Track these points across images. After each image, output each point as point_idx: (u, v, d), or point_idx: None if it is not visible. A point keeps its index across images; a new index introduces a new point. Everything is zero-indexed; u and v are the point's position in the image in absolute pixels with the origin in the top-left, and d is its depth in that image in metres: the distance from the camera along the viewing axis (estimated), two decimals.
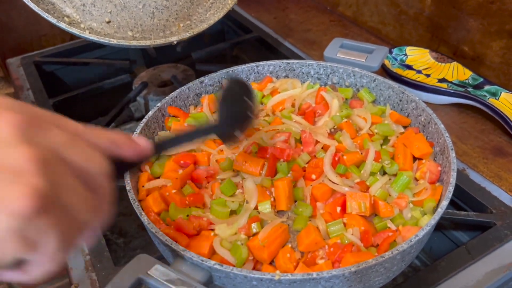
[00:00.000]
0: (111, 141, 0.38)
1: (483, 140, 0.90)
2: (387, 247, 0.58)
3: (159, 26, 0.94)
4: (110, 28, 0.90)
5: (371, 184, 0.67)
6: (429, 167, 0.68)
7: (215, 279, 0.55)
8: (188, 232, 0.61)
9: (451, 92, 0.94)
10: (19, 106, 0.32)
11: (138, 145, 0.42)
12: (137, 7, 0.92)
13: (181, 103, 0.83)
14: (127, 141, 0.40)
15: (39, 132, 0.31)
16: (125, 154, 0.40)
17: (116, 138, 0.39)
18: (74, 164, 0.32)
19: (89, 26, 0.87)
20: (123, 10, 0.90)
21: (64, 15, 0.85)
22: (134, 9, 0.92)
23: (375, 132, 0.76)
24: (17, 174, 0.28)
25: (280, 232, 0.61)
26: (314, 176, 0.68)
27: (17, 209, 0.28)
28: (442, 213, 0.58)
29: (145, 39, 0.91)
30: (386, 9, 1.23)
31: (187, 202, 0.65)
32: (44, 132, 0.31)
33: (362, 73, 0.84)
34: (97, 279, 0.67)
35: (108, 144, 0.38)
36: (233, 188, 0.67)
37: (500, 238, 0.69)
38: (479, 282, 0.65)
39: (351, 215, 0.63)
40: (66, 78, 1.23)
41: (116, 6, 0.90)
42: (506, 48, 0.96)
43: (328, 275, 0.51)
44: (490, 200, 0.76)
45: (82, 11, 0.88)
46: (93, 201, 0.34)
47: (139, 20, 0.92)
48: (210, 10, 0.99)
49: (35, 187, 0.28)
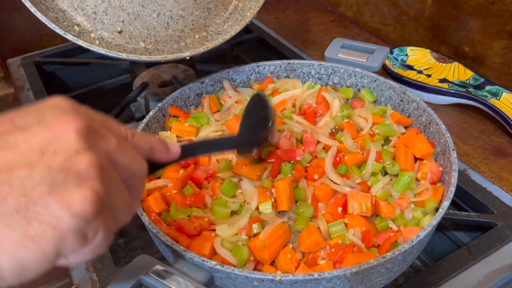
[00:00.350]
0: (149, 145, 0.42)
1: (484, 140, 0.90)
2: (388, 247, 0.58)
3: (173, 37, 0.88)
4: (121, 38, 0.84)
5: (372, 184, 0.67)
6: (430, 167, 0.68)
7: (216, 280, 0.55)
8: (189, 232, 0.61)
9: (452, 93, 0.94)
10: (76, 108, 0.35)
11: (170, 150, 0.46)
12: (151, 16, 0.86)
13: (182, 103, 0.83)
14: (162, 146, 0.45)
15: (98, 138, 0.34)
16: (158, 157, 0.45)
17: (153, 142, 0.43)
18: (122, 167, 0.36)
19: (99, 36, 0.83)
20: (136, 19, 0.84)
21: (74, 23, 0.81)
22: (148, 19, 0.86)
23: (376, 133, 0.76)
24: (82, 179, 0.31)
25: (281, 232, 0.61)
26: (316, 176, 0.68)
27: (81, 211, 0.31)
28: (444, 213, 0.58)
29: (158, 51, 0.87)
30: (387, 9, 1.23)
31: (188, 203, 0.65)
32: (101, 137, 0.34)
33: (363, 73, 0.84)
34: (97, 279, 0.67)
35: (147, 147, 0.42)
36: (234, 188, 0.67)
37: (501, 238, 0.69)
38: (480, 283, 0.64)
39: (353, 216, 0.62)
40: (67, 78, 1.23)
41: (129, 14, 0.84)
42: (507, 49, 0.96)
43: (329, 275, 0.51)
44: (491, 200, 0.76)
45: (93, 20, 0.83)
46: (130, 200, 0.37)
47: (153, 30, 0.86)
48: (228, 21, 0.93)
49: (96, 192, 0.31)
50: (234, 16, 0.93)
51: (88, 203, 0.31)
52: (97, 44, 0.80)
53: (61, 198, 0.30)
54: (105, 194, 0.32)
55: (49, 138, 0.31)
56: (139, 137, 0.41)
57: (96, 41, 0.81)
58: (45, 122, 0.32)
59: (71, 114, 0.33)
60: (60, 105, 0.34)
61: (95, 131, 0.34)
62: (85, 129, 0.33)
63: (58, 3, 0.79)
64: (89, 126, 0.33)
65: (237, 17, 0.92)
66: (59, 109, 0.34)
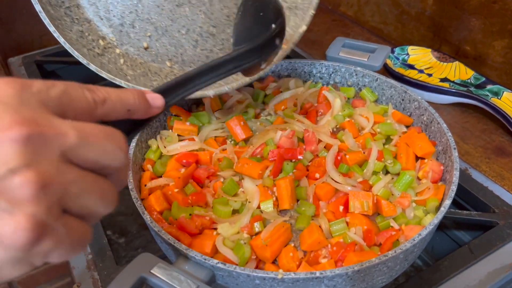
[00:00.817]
0: (125, 108, 0.37)
1: (485, 139, 0.90)
2: (390, 246, 0.58)
3: (201, 57, 0.81)
4: (147, 55, 0.79)
5: (374, 183, 0.67)
6: (431, 166, 0.68)
7: (217, 278, 0.55)
8: (191, 231, 0.61)
9: (453, 92, 0.94)
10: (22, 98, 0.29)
11: (151, 106, 0.40)
12: (179, 32, 0.79)
13: (183, 102, 0.83)
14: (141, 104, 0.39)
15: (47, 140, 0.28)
16: (139, 117, 0.39)
17: (130, 102, 0.37)
18: (88, 162, 0.31)
19: (125, 51, 0.78)
20: (164, 35, 0.79)
21: (99, 36, 0.76)
22: (176, 35, 0.79)
23: (377, 132, 0.76)
24: (15, 204, 0.27)
25: (283, 231, 0.61)
26: (318, 175, 0.68)
27: (13, 243, 0.27)
28: (445, 212, 0.58)
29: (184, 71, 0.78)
30: (388, 8, 1.23)
31: (190, 201, 0.65)
32: (54, 136, 0.29)
33: (364, 73, 0.84)
34: (99, 278, 0.67)
35: (123, 111, 0.37)
36: (235, 187, 0.67)
37: (502, 237, 0.69)
38: (482, 282, 0.64)
39: (354, 214, 0.62)
40: (68, 77, 1.22)
41: (157, 29, 0.79)
42: (508, 48, 0.96)
43: (331, 274, 0.51)
44: (493, 199, 0.76)
45: (119, 32, 0.78)
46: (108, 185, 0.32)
47: (180, 48, 0.80)
48: None
49: (33, 217, 0.27)
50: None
51: (23, 232, 0.26)
52: (121, 62, 0.76)
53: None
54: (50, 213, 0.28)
55: None
56: (113, 101, 0.35)
57: (120, 59, 0.77)
58: None
59: (12, 114, 0.28)
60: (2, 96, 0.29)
61: (42, 132, 0.28)
62: (27, 135, 0.27)
63: (84, 12, 0.76)
64: (34, 129, 0.28)
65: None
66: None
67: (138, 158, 0.72)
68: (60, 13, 0.72)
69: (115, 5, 0.78)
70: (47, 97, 0.30)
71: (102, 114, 0.35)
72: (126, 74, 0.76)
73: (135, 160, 0.70)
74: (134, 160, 0.69)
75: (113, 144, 0.32)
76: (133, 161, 0.68)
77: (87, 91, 0.33)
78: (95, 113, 0.34)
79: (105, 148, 0.31)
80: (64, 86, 0.32)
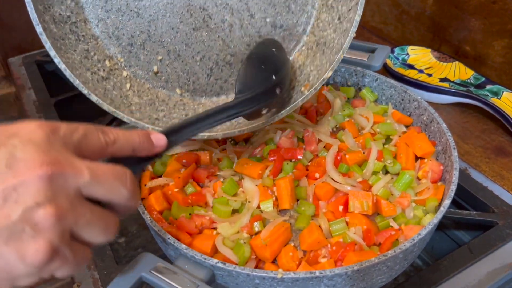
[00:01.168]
0: (131, 148, 0.43)
1: (485, 139, 0.90)
2: (389, 246, 0.58)
3: (215, 88, 0.75)
4: (156, 80, 0.73)
5: (374, 183, 0.67)
6: (431, 166, 0.68)
7: (217, 278, 0.55)
8: (191, 230, 0.61)
9: (453, 92, 0.94)
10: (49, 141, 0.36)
11: (154, 146, 0.46)
12: (193, 58, 0.73)
13: None
14: (145, 144, 0.45)
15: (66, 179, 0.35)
16: (143, 155, 0.46)
17: (135, 143, 0.44)
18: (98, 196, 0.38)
19: (132, 74, 0.72)
20: (176, 60, 0.72)
21: (106, 56, 0.70)
22: (190, 61, 0.73)
23: (377, 131, 0.76)
24: (38, 230, 0.33)
25: (283, 230, 0.61)
26: (317, 175, 0.68)
27: (32, 262, 0.34)
28: (445, 212, 0.58)
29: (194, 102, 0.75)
30: (388, 9, 1.23)
31: (190, 201, 0.65)
32: (71, 175, 0.35)
33: (364, 73, 0.84)
34: (99, 278, 0.67)
35: (128, 150, 0.43)
36: (235, 187, 0.67)
37: (502, 237, 0.69)
38: (481, 282, 0.65)
39: (354, 214, 0.62)
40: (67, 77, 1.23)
41: (169, 53, 0.72)
42: (508, 48, 0.96)
43: (331, 273, 0.51)
44: (492, 199, 0.76)
45: (128, 53, 0.71)
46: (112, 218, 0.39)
47: (193, 76, 0.73)
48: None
49: (49, 243, 0.34)
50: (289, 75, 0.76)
51: (41, 254, 0.33)
52: (127, 88, 0.71)
53: (16, 249, 0.33)
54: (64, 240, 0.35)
55: (14, 185, 0.33)
56: (121, 142, 0.42)
57: (127, 83, 0.71)
58: (14, 165, 0.34)
59: (42, 155, 0.34)
60: (32, 139, 0.35)
61: (64, 172, 0.35)
62: (51, 174, 0.34)
63: (91, 27, 0.70)
64: (57, 168, 0.34)
65: (291, 78, 0.72)
66: (30, 145, 0.35)
67: None
68: (64, 30, 0.67)
69: (125, 23, 0.71)
70: (70, 140, 0.37)
71: (112, 152, 0.42)
72: (131, 103, 0.70)
73: None
74: None
75: (119, 183, 0.39)
76: None
77: (101, 134, 0.40)
78: (106, 151, 0.41)
79: (113, 187, 0.38)
80: (84, 131, 0.39)
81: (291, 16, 0.74)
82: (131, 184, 0.40)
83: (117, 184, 0.38)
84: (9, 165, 0.34)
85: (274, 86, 0.62)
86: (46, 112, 1.01)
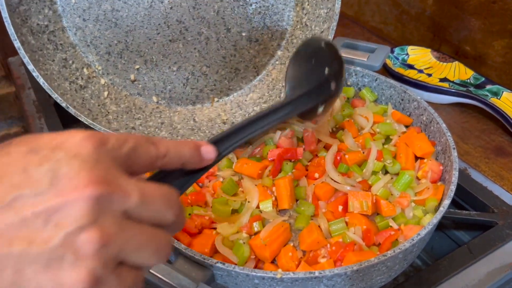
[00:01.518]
0: (180, 162, 0.40)
1: (485, 139, 0.90)
2: (389, 246, 0.58)
3: (190, 96, 0.77)
4: (133, 87, 0.75)
5: (373, 183, 0.67)
6: (431, 166, 0.68)
7: (217, 278, 0.55)
8: (190, 230, 0.61)
9: (452, 92, 0.94)
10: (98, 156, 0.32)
11: (203, 159, 0.42)
12: (170, 68, 0.75)
13: None
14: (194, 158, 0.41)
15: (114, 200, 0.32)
16: (191, 169, 0.42)
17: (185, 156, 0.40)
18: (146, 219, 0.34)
19: (110, 82, 0.73)
20: (153, 69, 0.74)
21: (84, 63, 0.72)
22: (166, 71, 0.75)
23: (377, 131, 0.76)
24: (80, 258, 0.30)
25: (282, 231, 0.61)
26: (317, 175, 0.68)
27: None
28: (444, 212, 0.58)
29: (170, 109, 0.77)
30: (388, 8, 1.23)
31: (189, 201, 0.65)
32: (120, 197, 0.32)
33: (364, 73, 0.84)
34: None
35: (178, 164, 0.40)
36: (235, 187, 0.67)
37: (501, 237, 0.69)
38: (481, 282, 0.65)
39: (353, 214, 0.62)
40: None
41: (147, 62, 0.74)
42: (508, 48, 0.96)
43: (330, 273, 0.51)
44: (492, 199, 0.76)
45: (106, 61, 0.73)
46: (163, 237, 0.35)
47: (169, 84, 0.76)
48: (254, 91, 0.79)
49: (91, 272, 0.30)
50: (262, 89, 0.79)
51: (81, 284, 0.30)
52: (105, 95, 0.72)
53: (54, 277, 0.30)
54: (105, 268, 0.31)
55: (57, 206, 0.30)
56: (171, 155, 0.39)
57: (105, 91, 0.73)
58: (58, 182, 0.31)
59: (88, 172, 0.31)
60: (79, 153, 0.32)
61: (112, 193, 0.32)
62: (98, 195, 0.31)
63: (69, 36, 0.71)
64: (105, 189, 0.31)
65: (263, 92, 0.78)
66: (76, 161, 0.31)
67: None
68: (42, 40, 0.69)
69: (103, 32, 0.72)
70: (119, 154, 0.34)
71: (161, 166, 0.38)
72: (108, 112, 0.72)
73: None
74: None
75: (167, 207, 0.35)
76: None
77: (152, 147, 0.37)
78: (155, 165, 0.38)
79: (160, 210, 0.35)
80: (134, 143, 0.36)
81: (266, 31, 0.77)
82: (177, 208, 0.36)
83: (164, 208, 0.35)
84: (52, 183, 0.30)
85: (328, 80, 0.57)
86: (45, 112, 1.01)
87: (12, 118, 1.42)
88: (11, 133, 1.42)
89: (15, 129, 1.42)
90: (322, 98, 0.57)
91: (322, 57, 0.58)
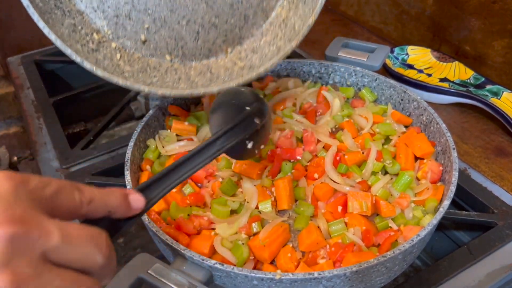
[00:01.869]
0: (106, 210, 0.39)
1: (485, 140, 0.89)
2: (388, 246, 0.58)
3: (203, 50, 0.76)
4: (145, 48, 0.74)
5: (373, 183, 0.66)
6: (430, 166, 0.68)
7: (215, 279, 0.55)
8: (189, 231, 0.61)
9: (452, 92, 0.94)
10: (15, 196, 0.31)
11: (131, 207, 0.41)
12: (179, 23, 0.74)
13: (182, 102, 0.83)
14: (121, 207, 0.40)
15: (31, 241, 0.30)
16: (119, 217, 0.41)
17: (111, 204, 0.39)
18: (68, 261, 0.32)
19: (121, 45, 0.72)
20: (163, 27, 0.73)
21: (93, 29, 0.71)
22: (176, 26, 0.74)
23: (376, 132, 0.75)
24: None
25: (281, 231, 0.60)
26: (316, 175, 0.68)
27: None
28: (444, 212, 0.58)
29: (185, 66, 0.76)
30: (388, 8, 1.22)
31: (188, 202, 0.65)
32: (38, 237, 0.30)
33: (364, 73, 0.84)
34: None
35: (104, 212, 0.39)
36: (234, 187, 0.67)
37: (501, 238, 0.69)
38: (481, 282, 0.64)
39: (353, 215, 0.62)
40: (67, 76, 1.23)
41: (155, 20, 0.73)
42: (508, 48, 0.96)
43: (329, 274, 0.51)
44: (492, 200, 0.75)
45: (114, 24, 0.72)
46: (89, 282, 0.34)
47: (181, 41, 0.75)
48: (266, 35, 0.78)
49: None
50: (274, 31, 0.78)
51: None
52: (118, 58, 0.72)
53: None
54: None
55: None
56: (97, 202, 0.37)
57: (117, 54, 0.72)
58: None
59: (4, 211, 0.30)
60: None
61: (29, 232, 0.30)
62: (13, 234, 0.29)
63: (76, 3, 0.70)
64: (21, 228, 0.30)
65: (277, 33, 0.77)
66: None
67: (137, 158, 0.71)
68: (49, 5, 0.68)
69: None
70: (40, 195, 0.33)
71: (86, 213, 0.37)
72: (123, 71, 0.72)
73: (134, 160, 0.69)
74: (132, 160, 0.69)
75: (94, 247, 0.34)
76: (131, 161, 0.68)
77: (77, 192, 0.36)
78: (80, 211, 0.36)
79: (86, 250, 0.33)
80: (57, 187, 0.34)
81: None
82: (107, 249, 0.34)
83: (91, 249, 0.33)
84: None
85: (251, 115, 0.60)
86: (44, 112, 1.01)
87: (11, 118, 1.41)
88: (10, 133, 1.42)
89: (14, 129, 1.42)
90: (248, 133, 0.59)
91: (242, 99, 0.61)
